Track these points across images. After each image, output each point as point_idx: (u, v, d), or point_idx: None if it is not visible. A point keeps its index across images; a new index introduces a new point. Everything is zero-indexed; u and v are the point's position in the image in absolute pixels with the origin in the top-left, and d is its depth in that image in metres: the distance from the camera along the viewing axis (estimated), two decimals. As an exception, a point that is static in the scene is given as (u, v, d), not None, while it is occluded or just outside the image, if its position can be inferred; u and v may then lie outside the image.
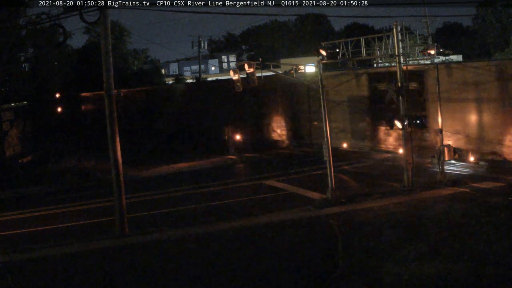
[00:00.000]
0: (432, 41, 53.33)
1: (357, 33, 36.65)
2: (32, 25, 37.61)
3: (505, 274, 14.30)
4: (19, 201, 29.41)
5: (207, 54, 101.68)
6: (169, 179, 32.35)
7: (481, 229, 18.11)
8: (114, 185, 20.89)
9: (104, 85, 20.65)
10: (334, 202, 23.02)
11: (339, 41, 27.23)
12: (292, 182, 28.53)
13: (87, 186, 31.99)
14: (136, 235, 20.61)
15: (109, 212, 22.76)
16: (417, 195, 23.39)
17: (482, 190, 23.37)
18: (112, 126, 20.72)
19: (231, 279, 15.72)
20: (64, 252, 19.28)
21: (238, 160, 37.13)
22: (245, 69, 24.15)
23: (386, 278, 14.68)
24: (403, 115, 24.33)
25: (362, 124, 36.25)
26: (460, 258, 15.60)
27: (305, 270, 16.05)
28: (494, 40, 66.50)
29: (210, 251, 18.47)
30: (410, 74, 25.64)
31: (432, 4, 73.99)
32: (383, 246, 17.22)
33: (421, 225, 19.25)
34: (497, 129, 28.30)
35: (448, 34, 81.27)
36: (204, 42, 72.95)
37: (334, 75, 37.43)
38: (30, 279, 17.00)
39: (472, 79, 29.38)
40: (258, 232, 20.14)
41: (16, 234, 22.66)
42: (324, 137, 23.90)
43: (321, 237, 19.17)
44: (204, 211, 24.07)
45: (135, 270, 17.19)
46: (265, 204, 24.24)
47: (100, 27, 20.55)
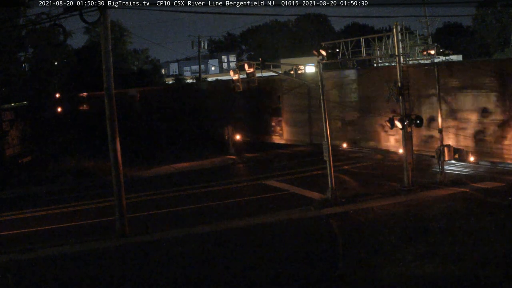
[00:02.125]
0: (432, 41, 53.29)
1: (357, 33, 36.64)
2: (32, 25, 37.53)
3: (505, 274, 14.31)
4: (19, 201, 29.39)
5: (207, 54, 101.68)
6: (169, 179, 32.34)
7: (481, 229, 18.11)
8: (114, 185, 20.89)
9: (104, 85, 20.65)
10: (334, 202, 23.02)
11: (339, 41, 27.21)
12: (292, 182, 28.53)
13: (87, 186, 31.97)
14: (136, 235, 20.61)
15: (109, 212, 22.76)
16: (417, 195, 23.39)
17: (482, 190, 23.37)
18: (112, 126, 20.72)
19: (231, 279, 15.73)
20: (64, 252, 19.30)
21: (238, 160, 37.12)
22: (245, 69, 24.17)
23: (386, 278, 14.68)
24: (403, 115, 24.34)
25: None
26: (460, 258, 15.60)
27: (305, 270, 16.04)
28: (494, 40, 66.54)
29: (210, 251, 18.47)
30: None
31: (432, 4, 74.09)
32: (383, 246, 17.22)
33: (421, 225, 19.24)
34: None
35: (448, 34, 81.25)
36: (204, 42, 72.85)
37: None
38: (30, 279, 17.01)
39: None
40: (258, 232, 20.14)
41: (16, 234, 22.67)
42: (324, 137, 23.91)
43: (321, 237, 19.17)
44: (204, 211, 24.07)
45: (135, 270, 17.19)
46: (265, 204, 24.24)
47: (100, 27, 20.54)
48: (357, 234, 18.93)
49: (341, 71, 38.11)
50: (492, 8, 65.46)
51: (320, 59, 24.35)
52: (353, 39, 27.27)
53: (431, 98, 30.16)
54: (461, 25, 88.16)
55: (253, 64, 24.22)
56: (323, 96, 24.08)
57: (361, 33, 37.87)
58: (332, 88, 36.56)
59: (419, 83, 30.69)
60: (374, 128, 35.02)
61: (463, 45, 73.00)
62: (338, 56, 26.51)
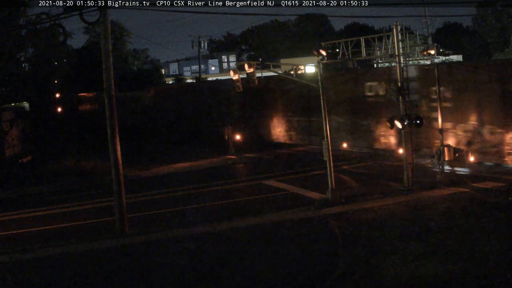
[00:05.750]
0: (432, 41, 53.26)
1: (357, 33, 36.61)
2: (32, 25, 37.59)
3: (505, 274, 14.31)
4: (19, 201, 29.40)
5: (207, 54, 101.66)
6: (169, 179, 32.32)
7: (481, 229, 18.11)
8: (114, 185, 20.90)
9: (104, 85, 20.66)
10: (334, 202, 23.01)
11: (339, 41, 27.19)
12: (292, 182, 28.53)
13: (87, 186, 31.97)
14: (136, 235, 20.61)
15: (109, 212, 22.75)
16: (417, 195, 23.38)
17: (482, 190, 23.36)
18: (112, 126, 20.72)
19: (231, 279, 15.72)
20: (64, 252, 19.30)
21: (238, 160, 37.12)
22: (245, 69, 24.16)
23: (386, 278, 14.68)
24: (403, 115, 24.32)
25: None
26: (460, 258, 15.61)
27: (305, 270, 16.05)
28: (494, 40, 66.55)
29: (210, 251, 18.46)
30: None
31: (432, 4, 74.01)
32: (383, 246, 17.22)
33: (421, 225, 19.24)
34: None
35: (448, 34, 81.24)
36: (204, 42, 72.90)
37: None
38: (30, 279, 17.01)
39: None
40: (258, 232, 20.13)
41: (16, 234, 22.67)
42: (324, 137, 23.90)
43: (321, 237, 19.17)
44: (204, 211, 24.06)
45: (135, 270, 17.19)
46: (265, 204, 24.23)
47: (100, 27, 20.55)
48: (357, 234, 18.92)
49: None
50: (492, 8, 65.46)
51: (320, 59, 24.35)
52: (353, 39, 27.24)
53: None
54: (461, 25, 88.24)
55: (253, 64, 24.21)
56: (323, 96, 24.08)
57: (361, 33, 37.79)
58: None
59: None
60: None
61: (463, 45, 73.02)
62: (338, 56, 26.50)
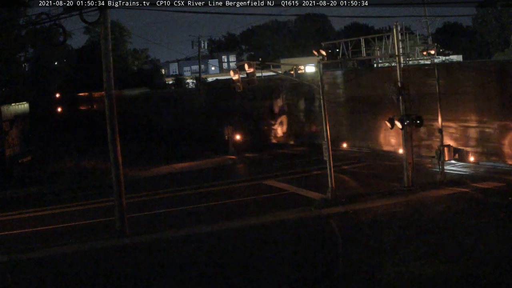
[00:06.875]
0: (432, 41, 53.26)
1: (357, 33, 36.62)
2: (32, 25, 37.59)
3: (505, 274, 14.31)
4: (19, 201, 29.39)
5: (207, 54, 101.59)
6: (169, 179, 32.32)
7: (481, 229, 18.11)
8: (114, 185, 20.89)
9: (104, 85, 20.65)
10: (334, 202, 23.01)
11: (339, 41, 27.19)
12: (292, 182, 28.53)
13: (87, 186, 31.96)
14: (136, 235, 20.61)
15: (109, 212, 22.75)
16: (417, 195, 23.38)
17: (482, 190, 23.37)
18: (112, 126, 20.72)
19: (231, 279, 15.73)
20: (64, 252, 19.30)
21: (238, 160, 37.12)
22: (245, 69, 24.14)
23: (386, 278, 14.69)
24: (403, 115, 24.31)
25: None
26: (460, 258, 15.61)
27: (305, 270, 16.05)
28: (494, 40, 66.56)
29: (210, 251, 18.47)
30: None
31: (432, 4, 73.90)
32: (383, 246, 17.22)
33: (421, 225, 19.25)
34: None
35: (448, 34, 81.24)
36: (204, 42, 72.82)
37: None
38: (30, 279, 17.01)
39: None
40: (258, 232, 20.14)
41: (16, 234, 22.67)
42: (324, 137, 23.90)
43: (321, 237, 19.17)
44: (204, 211, 24.07)
45: (135, 270, 17.19)
46: (265, 204, 24.24)
47: (100, 27, 20.56)
48: (357, 234, 18.93)
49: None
50: (492, 8, 65.46)
51: (320, 59, 24.34)
52: (353, 39, 27.24)
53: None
54: (461, 25, 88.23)
55: (253, 64, 24.19)
56: (323, 96, 24.07)
57: (361, 33, 37.81)
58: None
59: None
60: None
61: (463, 45, 73.01)
62: (338, 56, 26.51)
